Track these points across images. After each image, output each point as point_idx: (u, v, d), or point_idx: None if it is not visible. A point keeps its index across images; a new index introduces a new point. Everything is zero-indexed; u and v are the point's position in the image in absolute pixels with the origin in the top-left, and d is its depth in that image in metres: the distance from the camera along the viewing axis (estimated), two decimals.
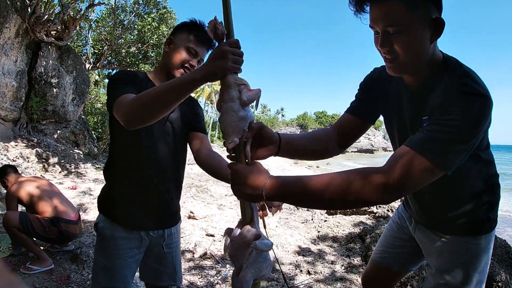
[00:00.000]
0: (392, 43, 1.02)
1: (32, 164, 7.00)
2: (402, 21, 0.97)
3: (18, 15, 7.03)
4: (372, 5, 1.02)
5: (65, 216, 3.21)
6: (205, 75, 1.01)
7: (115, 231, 1.55)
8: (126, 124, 1.17)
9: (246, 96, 0.99)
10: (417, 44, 1.02)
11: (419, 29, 0.99)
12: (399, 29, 0.98)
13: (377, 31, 1.04)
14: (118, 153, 1.59)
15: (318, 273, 3.65)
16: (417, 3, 0.97)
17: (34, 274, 3.04)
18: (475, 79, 1.01)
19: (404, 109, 1.24)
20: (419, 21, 0.98)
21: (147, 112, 1.12)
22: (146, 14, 13.17)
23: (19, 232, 3.00)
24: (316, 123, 63.88)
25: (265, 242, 1.03)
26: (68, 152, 8.62)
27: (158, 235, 1.66)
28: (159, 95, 1.08)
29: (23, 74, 7.79)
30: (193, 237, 4.70)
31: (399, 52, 1.03)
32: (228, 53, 0.97)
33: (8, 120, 7.85)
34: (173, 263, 1.75)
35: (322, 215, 6.73)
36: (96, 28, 13.74)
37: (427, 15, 0.99)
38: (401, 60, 1.05)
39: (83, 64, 10.81)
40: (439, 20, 1.00)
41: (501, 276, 3.05)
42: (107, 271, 1.56)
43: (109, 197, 1.61)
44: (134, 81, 1.45)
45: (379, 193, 0.91)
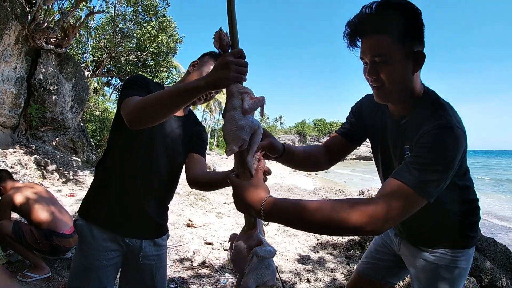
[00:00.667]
0: (379, 72, 1.14)
1: (31, 171, 6.97)
2: (389, 52, 1.10)
3: (18, 22, 7.05)
4: (363, 39, 1.15)
5: (59, 229, 3.13)
6: (209, 83, 1.03)
7: (92, 230, 1.54)
8: (129, 123, 1.20)
9: (248, 104, 1.00)
10: (400, 74, 1.13)
11: (403, 60, 1.11)
12: (385, 59, 1.10)
13: (366, 62, 1.17)
14: (114, 154, 1.59)
15: (318, 281, 3.62)
16: (403, 38, 1.09)
17: (31, 281, 3.01)
18: (449, 112, 1.12)
19: (388, 136, 1.36)
20: (403, 54, 1.11)
21: (151, 113, 1.16)
22: (146, 22, 13.26)
23: (12, 240, 2.97)
24: (315, 130, 63.90)
25: (267, 249, 1.03)
26: (66, 160, 8.59)
27: (135, 244, 1.62)
28: (164, 98, 1.12)
29: (22, 81, 7.79)
30: (192, 245, 4.67)
31: (384, 80, 1.14)
32: (231, 63, 0.99)
33: (7, 127, 7.83)
34: (152, 276, 1.69)
35: None
36: (95, 36, 13.83)
37: (411, 49, 1.12)
38: (387, 88, 1.16)
39: (82, 71, 10.82)
40: (420, 54, 1.13)
41: (502, 282, 3.04)
42: (83, 269, 1.55)
43: (91, 193, 1.61)
44: (148, 87, 1.49)
45: (364, 221, 0.94)
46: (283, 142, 1.42)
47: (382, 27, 1.09)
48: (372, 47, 1.12)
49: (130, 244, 1.60)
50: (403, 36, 1.09)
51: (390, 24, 1.08)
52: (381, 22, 1.09)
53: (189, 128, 1.72)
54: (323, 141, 1.72)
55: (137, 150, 1.54)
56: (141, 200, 1.57)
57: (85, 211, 1.60)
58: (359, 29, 1.15)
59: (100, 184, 1.60)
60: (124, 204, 1.55)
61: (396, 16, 1.09)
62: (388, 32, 1.09)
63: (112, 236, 1.56)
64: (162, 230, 1.75)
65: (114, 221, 1.56)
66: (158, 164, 1.60)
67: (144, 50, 13.33)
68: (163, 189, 1.69)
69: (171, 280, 3.54)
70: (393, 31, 1.09)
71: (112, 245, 1.57)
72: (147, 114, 1.16)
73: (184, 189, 10.09)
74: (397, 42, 1.09)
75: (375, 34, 1.10)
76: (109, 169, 1.58)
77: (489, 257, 3.66)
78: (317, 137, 63.60)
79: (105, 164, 1.60)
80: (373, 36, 1.11)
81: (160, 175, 1.62)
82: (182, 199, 7.68)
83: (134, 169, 1.55)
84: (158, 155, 1.59)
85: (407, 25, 1.09)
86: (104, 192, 1.57)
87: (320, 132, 63.92)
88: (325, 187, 16.61)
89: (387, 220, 0.96)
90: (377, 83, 1.16)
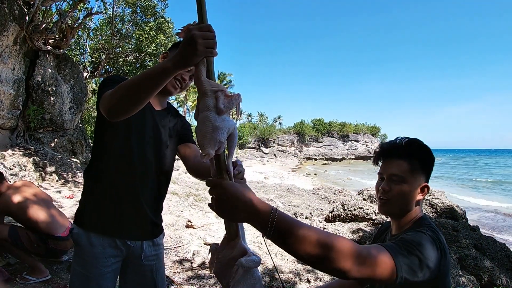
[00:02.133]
0: (392, 188, 1.35)
1: (29, 172, 6.95)
2: (405, 175, 1.33)
3: (16, 24, 7.04)
4: (388, 160, 1.40)
5: (55, 232, 3.08)
6: (176, 62, 0.99)
7: (90, 237, 1.53)
8: (108, 115, 1.18)
9: (223, 103, 0.92)
10: (408, 196, 1.34)
11: (413, 186, 1.33)
12: (401, 179, 1.33)
13: (383, 178, 1.39)
14: (102, 160, 1.57)
15: (318, 281, 3.62)
16: (417, 169, 1.33)
17: (31, 284, 3.00)
18: (435, 230, 1.27)
19: None
20: (415, 182, 1.33)
21: (125, 102, 1.13)
22: (144, 23, 13.22)
23: (9, 244, 2.95)
24: (314, 130, 63.82)
25: (252, 259, 0.98)
26: (65, 161, 8.57)
27: (136, 245, 1.62)
28: (135, 84, 1.09)
29: (21, 82, 7.78)
30: (191, 246, 4.66)
31: (394, 195, 1.35)
32: (197, 37, 0.93)
33: (5, 128, 7.81)
34: (153, 277, 1.70)
35: (321, 223, 6.71)
36: (94, 37, 13.79)
37: (421, 181, 1.35)
38: (393, 202, 1.36)
39: (81, 72, 10.80)
40: (426, 187, 1.36)
41: (501, 280, 3.05)
42: (83, 279, 1.53)
43: (85, 201, 1.59)
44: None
45: (345, 264, 0.93)
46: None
47: (406, 156, 1.34)
48: (394, 167, 1.35)
49: (131, 246, 1.60)
50: (419, 168, 1.33)
51: (413, 157, 1.34)
52: (406, 152, 1.34)
53: (173, 121, 1.72)
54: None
55: (126, 151, 1.53)
56: (137, 200, 1.57)
57: (81, 219, 1.57)
58: (386, 152, 1.41)
59: (93, 191, 1.57)
60: (121, 206, 1.54)
61: (419, 153, 1.35)
62: (409, 161, 1.33)
63: (111, 241, 1.55)
64: (159, 229, 1.75)
65: (113, 226, 1.55)
66: (148, 161, 1.59)
67: (143, 51, 13.29)
68: (157, 187, 1.68)
69: (171, 281, 3.54)
70: (413, 162, 1.33)
71: (111, 250, 1.56)
72: (122, 100, 1.13)
73: (183, 189, 10.09)
74: (414, 171, 1.32)
75: (399, 159, 1.35)
76: (100, 175, 1.56)
77: (488, 256, 3.66)
78: (316, 137, 63.62)
79: (94, 171, 1.58)
80: (397, 160, 1.35)
81: (152, 172, 1.62)
82: (181, 199, 7.67)
83: (126, 171, 1.54)
84: (147, 153, 1.58)
85: (424, 162, 1.35)
86: (99, 198, 1.55)
87: (319, 132, 63.92)
88: (324, 187, 16.61)
89: (362, 274, 0.96)
90: (387, 196, 1.36)
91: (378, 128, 75.57)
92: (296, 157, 56.81)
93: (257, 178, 20.99)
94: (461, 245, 3.80)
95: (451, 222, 5.42)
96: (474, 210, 14.54)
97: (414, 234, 1.19)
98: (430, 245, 1.15)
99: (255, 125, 67.92)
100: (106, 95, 1.22)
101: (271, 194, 12.21)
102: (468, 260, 3.71)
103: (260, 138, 58.52)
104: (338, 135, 66.92)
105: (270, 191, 13.45)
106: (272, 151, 56.48)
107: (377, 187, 1.44)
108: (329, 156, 61.27)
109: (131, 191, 1.55)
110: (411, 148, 1.36)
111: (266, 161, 44.65)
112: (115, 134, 1.49)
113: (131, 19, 13.27)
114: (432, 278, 1.10)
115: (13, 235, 2.95)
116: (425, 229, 1.23)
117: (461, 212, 7.52)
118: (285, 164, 44.49)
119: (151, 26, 13.02)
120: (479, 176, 35.67)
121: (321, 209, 9.62)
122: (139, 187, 1.56)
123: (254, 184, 15.51)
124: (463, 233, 4.62)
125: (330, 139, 65.23)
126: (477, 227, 5.62)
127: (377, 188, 1.44)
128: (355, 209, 6.83)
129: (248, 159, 44.68)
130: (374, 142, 69.35)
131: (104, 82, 1.44)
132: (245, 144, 56.09)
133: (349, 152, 65.52)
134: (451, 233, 4.60)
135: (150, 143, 1.60)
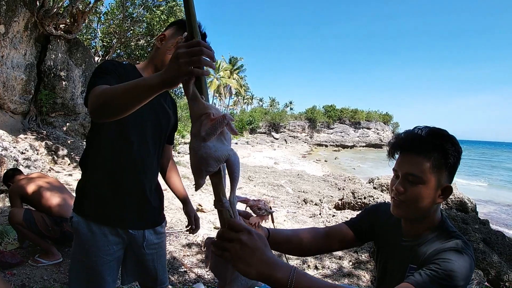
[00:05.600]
0: (408, 189, 1.17)
1: (42, 156, 7.05)
2: (424, 175, 1.14)
3: (27, 9, 7.05)
4: (404, 154, 1.21)
5: (69, 215, 3.14)
6: (162, 81, 0.89)
7: (90, 226, 1.50)
8: (91, 115, 1.12)
9: (204, 130, 0.81)
10: (427, 199, 1.16)
11: (433, 188, 1.15)
12: (418, 180, 1.15)
13: (398, 175, 1.22)
14: (101, 144, 1.52)
15: (326, 268, 3.63)
16: (439, 167, 1.14)
17: (42, 266, 3.07)
18: (466, 242, 1.13)
19: (395, 254, 1.34)
20: (435, 182, 1.15)
21: (108, 109, 1.07)
22: (155, 7, 13.11)
23: (23, 228, 3.02)
24: (325, 116, 63.25)
25: None
26: (77, 144, 8.69)
27: (138, 234, 1.60)
28: (120, 95, 1.02)
29: (32, 67, 7.84)
30: (201, 230, 4.70)
31: (410, 198, 1.17)
32: (182, 55, 0.83)
33: (18, 113, 7.92)
34: (154, 265, 1.70)
35: (331, 210, 6.70)
36: (105, 21, 13.75)
37: (443, 181, 1.16)
38: (408, 205, 1.19)
39: (92, 57, 10.84)
40: (448, 188, 1.18)
41: (508, 276, 3.02)
42: (85, 268, 1.51)
43: (83, 190, 1.55)
44: (118, 72, 1.41)
45: None
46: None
47: (427, 152, 1.14)
48: (410, 165, 1.17)
49: (133, 235, 1.59)
50: (441, 167, 1.14)
51: (435, 152, 1.14)
52: (427, 147, 1.15)
53: (171, 109, 1.73)
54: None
55: (124, 137, 1.49)
56: (137, 188, 1.56)
57: (80, 208, 1.55)
58: (403, 145, 1.22)
59: (91, 180, 1.54)
60: (120, 196, 1.52)
61: (442, 148, 1.14)
62: (430, 157, 1.14)
63: (113, 229, 1.53)
64: (161, 217, 1.76)
65: (114, 215, 1.52)
66: (147, 148, 1.57)
67: (154, 35, 13.21)
68: (157, 174, 1.69)
69: (181, 264, 3.58)
70: (435, 159, 1.14)
71: (114, 238, 1.54)
72: (105, 107, 1.07)
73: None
74: (435, 169, 1.14)
75: (417, 155, 1.16)
76: (97, 164, 1.52)
77: (497, 250, 3.62)
78: (327, 123, 63.15)
79: (90, 159, 1.54)
80: (415, 155, 1.16)
81: (152, 159, 1.61)
82: (191, 183, 7.71)
83: (125, 159, 1.51)
84: (146, 138, 1.56)
85: (449, 159, 1.15)
86: (98, 187, 1.52)
87: (330, 119, 63.40)
88: (334, 174, 16.56)
89: None
90: (402, 197, 1.19)
91: (391, 116, 74.54)
92: (306, 143, 56.56)
93: (267, 163, 20.99)
94: (470, 239, 3.75)
95: (461, 215, 5.35)
96: (486, 203, 14.33)
97: (456, 259, 1.03)
98: (470, 272, 1.04)
99: (266, 110, 67.50)
100: (92, 94, 1.16)
101: (281, 180, 12.22)
102: (476, 254, 3.65)
103: (271, 123, 58.18)
104: (350, 122, 66.25)
105: (280, 176, 13.44)
106: (283, 137, 56.25)
107: (391, 185, 1.25)
108: (340, 143, 60.81)
109: (131, 179, 1.53)
110: (433, 141, 1.15)
111: (277, 146, 44.56)
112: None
113: (142, 2, 13.16)
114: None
115: (28, 218, 3.02)
116: (464, 247, 1.09)
117: (472, 205, 7.42)
118: (295, 149, 44.38)
119: (162, 10, 12.90)
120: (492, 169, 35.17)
121: (331, 196, 9.60)
122: (138, 175, 1.54)
123: (264, 169, 15.51)
124: (472, 226, 4.57)
125: (341, 125, 64.62)
126: (487, 221, 5.54)
127: (391, 186, 1.25)
128: (365, 197, 6.79)
129: (259, 144, 44.61)
130: (386, 130, 68.61)
131: (96, 72, 1.36)
132: (256, 129, 55.85)
133: (360, 139, 64.94)
134: (460, 225, 4.54)
135: (150, 128, 1.56)
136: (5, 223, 3.79)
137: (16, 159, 5.80)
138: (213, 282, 3.26)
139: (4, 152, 5.72)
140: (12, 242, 3.41)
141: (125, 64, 1.55)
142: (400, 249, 1.32)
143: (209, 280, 3.31)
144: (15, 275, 2.89)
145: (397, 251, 1.33)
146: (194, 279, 3.29)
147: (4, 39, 6.51)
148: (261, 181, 11.32)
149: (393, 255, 1.36)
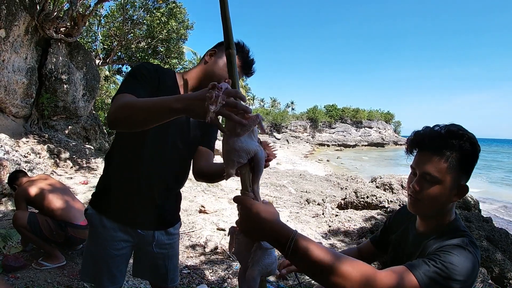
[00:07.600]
0: (424, 188, 1.19)
1: (44, 159, 7.07)
2: (441, 175, 1.15)
3: (27, 13, 7.06)
4: (422, 152, 1.22)
5: (74, 220, 3.16)
6: (184, 110, 0.93)
7: (102, 220, 1.55)
8: (109, 125, 1.14)
9: (239, 126, 0.92)
10: (442, 198, 1.18)
11: (449, 187, 1.17)
12: (435, 180, 1.16)
13: (416, 173, 1.23)
14: (121, 146, 1.55)
15: None
16: (457, 167, 1.15)
17: (46, 269, 3.07)
18: (474, 242, 1.15)
19: (406, 247, 1.39)
20: (452, 182, 1.16)
21: (129, 123, 1.10)
22: (155, 9, 13.12)
23: (27, 231, 3.02)
24: (327, 116, 63.21)
25: None
26: (79, 147, 8.69)
27: (147, 234, 1.62)
28: (143, 111, 1.05)
29: (33, 71, 7.85)
30: (204, 231, 4.71)
31: (426, 197, 1.19)
32: (216, 102, 0.82)
33: (19, 117, 7.93)
34: (165, 265, 1.71)
35: (333, 210, 6.69)
36: (105, 24, 13.78)
37: (460, 180, 1.18)
38: (424, 203, 1.21)
39: (93, 60, 10.85)
40: (465, 188, 1.19)
41: None
42: (93, 258, 1.59)
43: (101, 186, 1.60)
44: (150, 78, 1.40)
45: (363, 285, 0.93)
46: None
47: (445, 151, 1.16)
48: (428, 164, 1.17)
49: (142, 235, 1.61)
50: (459, 167, 1.15)
51: (453, 152, 1.15)
52: (446, 147, 1.16)
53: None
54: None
55: (151, 143, 1.49)
56: (152, 192, 1.55)
57: (96, 203, 1.60)
58: (421, 143, 1.22)
59: (110, 177, 1.57)
60: (135, 197, 1.53)
61: (460, 148, 1.15)
62: (448, 158, 1.15)
63: (123, 226, 1.57)
64: (174, 220, 1.75)
65: (125, 214, 1.55)
66: (171, 157, 1.55)
67: (155, 37, 13.24)
68: (175, 178, 1.65)
69: (184, 266, 3.58)
70: (453, 159, 1.15)
71: (122, 235, 1.57)
72: (126, 121, 1.10)
73: None
74: (452, 169, 1.15)
75: (435, 154, 1.17)
76: (118, 163, 1.55)
77: (500, 248, 3.60)
78: (329, 123, 63.11)
79: (113, 157, 1.57)
80: (433, 155, 1.17)
81: (172, 164, 1.58)
82: (194, 185, 7.72)
83: (147, 163, 1.50)
84: (171, 148, 1.54)
85: (467, 159, 1.16)
86: (115, 185, 1.55)
87: (332, 118, 63.34)
88: (337, 174, 16.53)
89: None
90: (418, 195, 1.21)
91: (392, 115, 74.57)
92: (308, 143, 56.49)
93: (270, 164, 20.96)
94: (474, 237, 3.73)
95: (464, 212, 5.33)
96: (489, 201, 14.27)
97: (458, 254, 1.04)
98: (471, 271, 1.03)
99: (267, 110, 67.47)
100: (115, 102, 1.17)
101: (283, 180, 12.20)
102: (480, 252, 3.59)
103: (273, 123, 58.16)
104: (351, 121, 66.29)
105: (282, 177, 13.43)
106: (285, 137, 56.22)
107: (408, 182, 1.27)
108: (342, 143, 60.80)
109: (146, 182, 1.52)
110: (451, 141, 1.15)
111: (279, 147, 44.54)
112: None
113: (142, 5, 13.17)
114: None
115: (32, 222, 3.02)
116: (469, 244, 1.09)
117: (474, 203, 7.39)
118: (297, 150, 44.36)
119: (162, 12, 12.93)
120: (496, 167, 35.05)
121: (334, 195, 9.58)
122: (154, 179, 1.54)
123: (266, 170, 15.46)
124: (475, 224, 4.55)
125: (343, 125, 64.66)
126: (490, 218, 5.51)
127: (408, 183, 1.27)
128: (368, 196, 6.77)
129: None
130: (388, 129, 68.62)
131: (130, 74, 1.38)
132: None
133: (362, 138, 64.92)
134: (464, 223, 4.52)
135: (172, 136, 1.54)
136: (8, 226, 3.80)
137: (18, 163, 5.81)
138: (217, 283, 3.26)
139: (6, 156, 5.73)
140: (16, 246, 3.42)
141: (165, 69, 1.53)
142: (411, 243, 1.35)
143: (213, 281, 3.30)
144: (18, 279, 2.89)
145: (408, 245, 1.37)
146: (198, 281, 3.29)
147: (5, 43, 6.52)
148: (263, 182, 11.30)
149: (403, 248, 1.40)
